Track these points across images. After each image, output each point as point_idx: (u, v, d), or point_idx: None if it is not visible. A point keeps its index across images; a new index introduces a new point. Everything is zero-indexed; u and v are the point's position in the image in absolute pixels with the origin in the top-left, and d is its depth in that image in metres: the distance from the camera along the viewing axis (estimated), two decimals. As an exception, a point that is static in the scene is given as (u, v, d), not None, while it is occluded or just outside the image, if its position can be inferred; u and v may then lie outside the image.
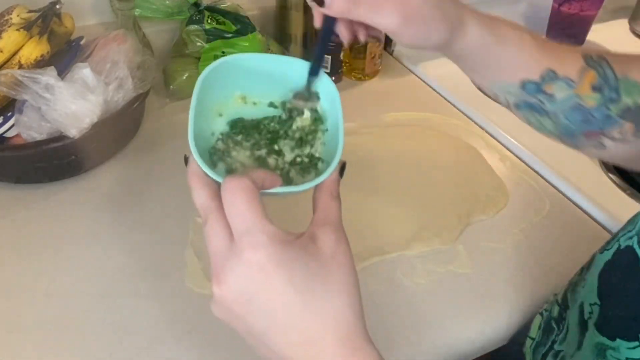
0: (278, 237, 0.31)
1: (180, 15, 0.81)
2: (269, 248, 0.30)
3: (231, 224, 0.32)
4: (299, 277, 0.30)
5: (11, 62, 0.63)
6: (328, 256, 0.32)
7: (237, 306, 0.31)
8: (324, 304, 0.31)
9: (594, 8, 0.99)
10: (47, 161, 0.63)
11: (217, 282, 0.31)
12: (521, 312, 0.55)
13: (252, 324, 0.31)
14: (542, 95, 0.44)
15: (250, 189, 0.32)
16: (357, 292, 0.33)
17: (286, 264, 0.30)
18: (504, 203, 0.66)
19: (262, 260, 0.30)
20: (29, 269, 0.56)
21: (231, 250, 0.31)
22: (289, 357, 0.31)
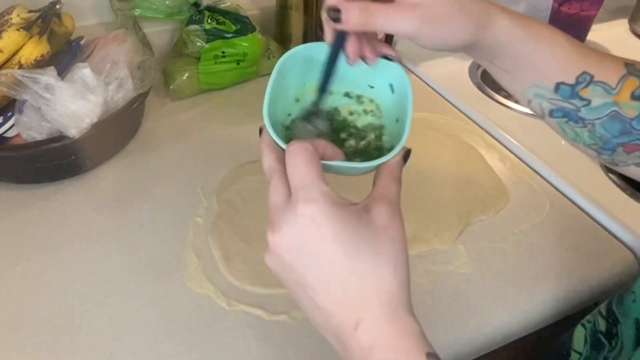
0: (331, 196, 0.33)
1: (180, 15, 0.81)
2: (321, 203, 0.32)
3: (290, 180, 0.34)
4: (347, 237, 0.32)
5: (11, 62, 0.63)
6: (380, 228, 0.33)
7: (288, 255, 0.33)
8: (369, 270, 0.32)
9: (594, 8, 0.99)
10: (47, 161, 0.63)
11: (272, 231, 0.33)
12: (521, 312, 0.55)
13: (301, 273, 0.33)
14: (577, 100, 0.42)
15: (310, 151, 0.34)
16: (406, 268, 0.33)
17: (336, 222, 0.32)
18: (504, 203, 0.66)
19: (314, 214, 0.32)
20: (29, 269, 0.56)
21: (288, 204, 0.33)
22: (330, 312, 0.32)
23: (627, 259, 0.60)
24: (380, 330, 0.31)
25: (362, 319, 0.32)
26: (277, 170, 0.36)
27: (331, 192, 0.33)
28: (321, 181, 0.33)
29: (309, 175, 0.33)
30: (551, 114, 0.44)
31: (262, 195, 0.64)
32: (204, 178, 0.67)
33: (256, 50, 0.83)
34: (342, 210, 0.32)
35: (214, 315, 0.52)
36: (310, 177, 0.33)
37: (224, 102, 0.83)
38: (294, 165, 0.34)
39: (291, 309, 0.52)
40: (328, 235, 0.31)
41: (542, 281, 0.57)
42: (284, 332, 0.51)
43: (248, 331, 0.50)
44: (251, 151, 0.72)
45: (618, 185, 0.69)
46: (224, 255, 0.57)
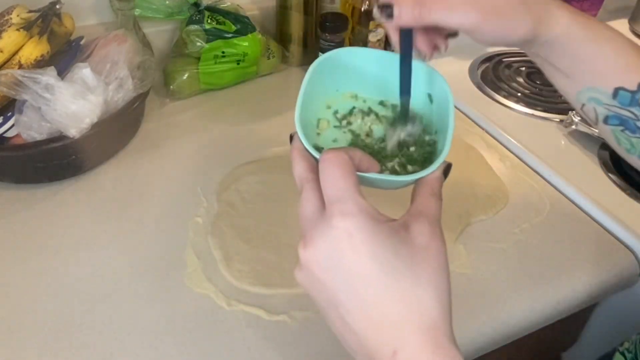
0: (368, 210, 0.30)
1: (180, 15, 0.81)
2: (359, 218, 0.30)
3: (324, 191, 0.32)
4: (385, 256, 0.29)
5: (11, 62, 0.63)
6: (420, 246, 0.31)
7: (320, 270, 0.31)
8: (409, 291, 0.29)
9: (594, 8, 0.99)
10: (47, 161, 0.63)
11: (303, 245, 0.31)
12: (521, 312, 0.55)
13: (333, 291, 0.30)
14: (637, 109, 0.40)
15: (346, 161, 0.32)
16: (448, 290, 0.31)
17: (374, 239, 0.29)
18: (504, 203, 0.66)
19: (350, 229, 0.29)
20: (29, 269, 0.56)
21: (321, 216, 0.31)
22: (364, 335, 0.30)
23: (627, 259, 0.60)
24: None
25: (401, 347, 0.29)
26: (309, 179, 0.34)
27: (368, 206, 0.31)
28: (358, 194, 0.31)
29: (345, 186, 0.31)
30: (606, 120, 0.42)
31: (262, 195, 0.65)
32: (204, 178, 0.67)
33: (256, 50, 0.83)
34: (379, 226, 0.30)
35: (214, 315, 0.52)
36: (346, 188, 0.31)
37: (224, 102, 0.83)
38: (328, 175, 0.32)
39: (291, 309, 0.52)
40: (364, 252, 0.29)
41: (542, 281, 0.57)
42: (284, 332, 0.51)
43: (248, 331, 0.50)
44: (251, 151, 0.72)
45: (618, 185, 0.69)
46: (224, 255, 0.57)
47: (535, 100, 0.85)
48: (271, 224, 0.61)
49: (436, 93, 0.42)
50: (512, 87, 0.89)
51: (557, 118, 0.81)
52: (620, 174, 0.70)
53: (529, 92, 0.88)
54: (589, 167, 0.72)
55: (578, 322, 0.70)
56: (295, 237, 0.60)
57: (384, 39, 0.88)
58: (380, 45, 0.87)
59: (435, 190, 0.35)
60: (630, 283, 0.61)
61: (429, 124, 0.43)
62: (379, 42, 0.87)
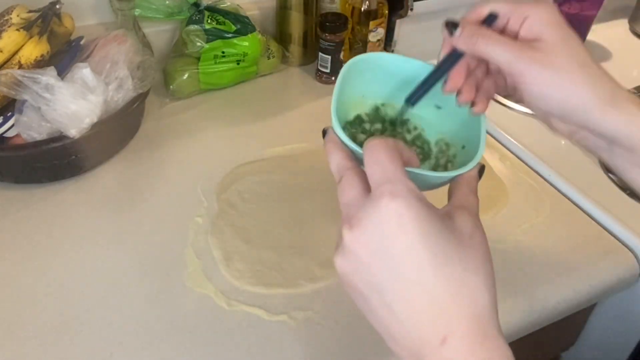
0: (419, 194, 0.30)
1: (180, 15, 0.81)
2: (409, 199, 0.29)
3: (371, 175, 0.31)
4: (434, 238, 0.29)
5: (11, 62, 0.63)
6: (466, 234, 0.31)
7: (366, 252, 0.29)
8: (460, 276, 0.29)
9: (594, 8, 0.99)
10: (47, 161, 0.63)
11: (348, 227, 0.30)
12: (521, 312, 0.55)
13: (377, 275, 0.29)
14: None
15: (393, 147, 0.32)
16: (494, 281, 0.31)
17: (425, 221, 0.29)
18: (504, 203, 0.66)
19: (401, 209, 0.29)
20: (29, 269, 0.56)
21: (367, 198, 0.30)
22: (410, 323, 0.29)
23: (627, 259, 0.60)
24: (470, 350, 0.28)
25: (450, 334, 0.28)
26: (349, 167, 0.33)
27: (418, 191, 0.30)
28: (406, 177, 0.30)
29: (394, 168, 0.30)
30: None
31: (262, 195, 0.65)
32: (204, 178, 0.67)
33: (256, 50, 0.83)
34: (429, 209, 0.29)
35: (214, 315, 0.52)
36: (395, 170, 0.30)
37: (224, 102, 0.83)
38: (376, 158, 0.31)
39: (291, 309, 0.52)
40: (415, 233, 0.28)
41: (542, 281, 0.57)
42: (284, 332, 0.51)
43: (248, 331, 0.50)
44: (251, 151, 0.72)
45: (618, 185, 0.69)
46: (224, 255, 0.57)
47: (535, 100, 0.85)
48: (271, 224, 0.61)
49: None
50: (512, 87, 0.89)
51: (557, 118, 0.81)
52: (620, 174, 0.70)
53: (529, 92, 0.88)
54: (589, 167, 0.72)
55: (578, 322, 0.70)
56: (295, 237, 0.60)
57: (384, 38, 0.88)
58: (380, 45, 0.87)
59: (473, 188, 0.35)
60: (630, 283, 0.61)
61: (459, 132, 0.43)
62: (379, 42, 0.87)
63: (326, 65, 0.86)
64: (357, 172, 0.33)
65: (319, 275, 0.55)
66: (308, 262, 0.57)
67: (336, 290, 0.54)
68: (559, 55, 0.36)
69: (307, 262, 0.57)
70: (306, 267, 0.56)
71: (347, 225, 0.30)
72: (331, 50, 0.84)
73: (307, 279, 0.55)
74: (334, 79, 0.87)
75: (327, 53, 0.84)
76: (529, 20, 0.37)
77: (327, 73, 0.87)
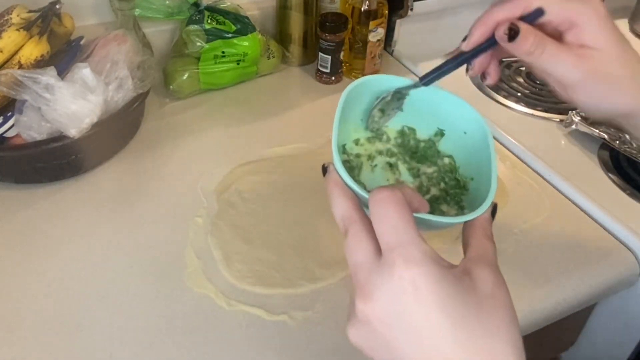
0: (434, 257, 0.28)
1: (180, 15, 0.81)
2: (424, 266, 0.27)
3: (381, 235, 0.29)
4: (454, 305, 0.27)
5: (11, 62, 0.63)
6: (486, 294, 0.29)
7: (382, 326, 0.28)
8: (481, 342, 0.27)
9: (594, 8, 0.99)
10: (47, 161, 0.63)
11: (362, 299, 0.29)
12: (521, 313, 0.55)
13: (395, 348, 0.28)
14: None
15: (402, 201, 0.29)
16: (520, 337, 0.29)
17: (442, 288, 0.27)
18: (504, 203, 0.66)
19: (416, 278, 0.27)
20: (29, 269, 0.56)
21: (379, 264, 0.29)
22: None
23: (627, 259, 0.60)
24: None
25: None
26: (356, 219, 0.31)
27: (431, 250, 0.28)
28: (419, 237, 0.28)
29: (405, 229, 0.28)
30: None
31: (262, 195, 0.65)
32: (204, 178, 0.67)
33: (256, 50, 0.83)
34: (445, 273, 0.28)
35: (214, 315, 0.52)
36: (407, 232, 0.28)
37: (224, 102, 0.83)
38: (384, 216, 0.29)
39: (291, 309, 0.52)
40: (433, 304, 0.27)
41: (542, 281, 0.57)
42: (284, 332, 0.51)
43: (248, 331, 0.50)
44: (251, 151, 0.72)
45: (618, 185, 0.69)
46: (224, 255, 0.57)
47: (535, 100, 0.85)
48: (271, 224, 0.61)
49: (473, 131, 0.41)
50: (512, 87, 0.89)
51: (557, 118, 0.81)
52: (620, 174, 0.70)
53: (528, 92, 0.88)
54: (589, 167, 0.72)
55: (578, 322, 0.70)
56: (295, 237, 0.60)
57: (384, 38, 0.88)
58: (380, 45, 0.87)
59: (487, 232, 0.34)
60: (630, 283, 0.61)
61: (466, 162, 0.42)
62: (379, 42, 0.87)
63: (326, 65, 0.86)
64: (364, 225, 0.30)
65: (319, 275, 0.55)
66: (308, 262, 0.57)
67: (336, 291, 0.54)
68: (612, 65, 0.36)
69: (307, 262, 0.57)
70: (306, 267, 0.56)
71: (361, 296, 0.29)
72: (331, 50, 0.84)
73: (307, 279, 0.55)
74: (334, 79, 0.87)
75: (327, 53, 0.84)
76: (579, 26, 0.36)
77: (327, 73, 0.87)
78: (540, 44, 0.36)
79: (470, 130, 0.42)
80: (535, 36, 0.36)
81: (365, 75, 0.89)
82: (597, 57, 0.36)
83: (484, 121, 0.41)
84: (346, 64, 0.89)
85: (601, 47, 0.36)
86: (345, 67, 0.90)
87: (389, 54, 0.97)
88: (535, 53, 0.36)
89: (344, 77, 0.90)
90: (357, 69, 0.89)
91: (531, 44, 0.36)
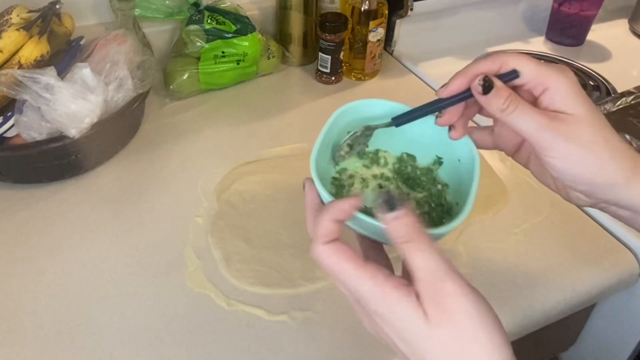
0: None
1: (180, 15, 0.81)
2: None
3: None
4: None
5: (11, 62, 0.63)
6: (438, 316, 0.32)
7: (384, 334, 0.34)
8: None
9: (594, 8, 0.99)
10: (47, 161, 0.63)
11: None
12: (521, 313, 0.55)
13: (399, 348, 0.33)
14: None
15: (339, 250, 0.33)
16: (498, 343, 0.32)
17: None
18: (504, 203, 0.66)
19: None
20: (29, 269, 0.56)
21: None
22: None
23: (627, 259, 0.60)
24: None
25: None
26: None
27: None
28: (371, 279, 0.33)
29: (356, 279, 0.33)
30: None
31: (262, 195, 0.65)
32: (204, 178, 0.67)
33: (256, 50, 0.83)
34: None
35: (214, 315, 0.52)
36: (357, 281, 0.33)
37: (224, 102, 0.83)
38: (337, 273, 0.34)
39: (291, 309, 0.52)
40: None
41: (542, 281, 0.57)
42: (284, 332, 0.51)
43: (248, 331, 0.50)
44: (251, 151, 0.72)
45: (618, 185, 0.69)
46: (224, 255, 0.57)
47: (535, 100, 0.85)
48: (271, 224, 0.61)
49: (465, 158, 0.42)
50: (512, 87, 0.88)
51: (557, 118, 0.81)
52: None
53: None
54: (589, 167, 0.72)
55: (578, 322, 0.70)
56: (295, 237, 0.60)
57: (384, 38, 0.88)
58: (380, 45, 0.87)
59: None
60: (630, 283, 0.61)
61: (456, 189, 0.43)
62: (379, 42, 0.87)
63: (326, 65, 0.86)
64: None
65: (319, 275, 0.55)
66: (308, 262, 0.57)
67: (336, 291, 0.54)
68: (585, 130, 0.36)
69: (307, 262, 0.57)
70: (306, 267, 0.56)
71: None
72: (331, 50, 0.84)
73: (307, 279, 0.55)
74: (334, 79, 0.88)
75: (327, 53, 0.84)
76: (552, 90, 0.37)
77: (327, 73, 0.87)
78: (514, 102, 0.37)
79: (463, 157, 0.43)
80: (510, 93, 0.37)
81: (365, 73, 0.89)
82: (569, 120, 0.36)
83: (475, 148, 0.42)
84: (346, 64, 0.89)
85: (573, 112, 0.36)
86: (345, 67, 0.90)
87: (389, 54, 0.97)
88: (507, 110, 0.37)
89: (344, 77, 0.90)
90: (357, 69, 0.89)
91: (504, 100, 0.37)
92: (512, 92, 0.37)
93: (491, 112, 0.38)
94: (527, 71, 0.37)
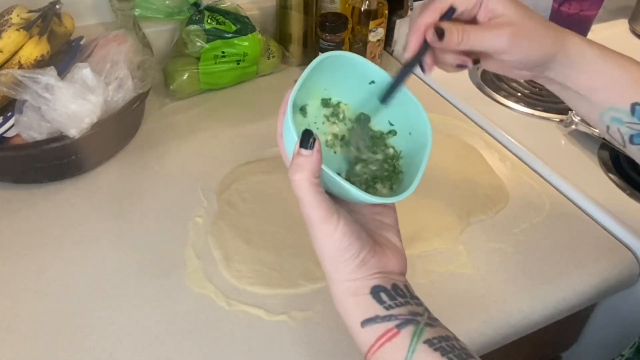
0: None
1: (180, 15, 0.81)
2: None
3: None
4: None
5: (11, 62, 0.63)
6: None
7: None
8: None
9: (594, 8, 0.99)
10: (47, 161, 0.63)
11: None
12: (521, 313, 0.55)
13: None
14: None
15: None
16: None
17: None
18: (504, 203, 0.66)
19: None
20: (29, 269, 0.56)
21: None
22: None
23: (627, 259, 0.60)
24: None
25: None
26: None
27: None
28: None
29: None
30: (632, 140, 0.44)
31: (262, 195, 0.65)
32: (204, 178, 0.67)
33: (256, 50, 0.83)
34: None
35: (214, 316, 0.52)
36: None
37: (224, 102, 0.83)
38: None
39: (291, 309, 0.52)
40: None
41: (542, 281, 0.57)
42: (284, 332, 0.51)
43: (248, 331, 0.51)
44: (251, 151, 0.72)
45: (618, 185, 0.69)
46: (224, 255, 0.57)
47: (535, 100, 0.85)
48: (271, 224, 0.61)
49: (417, 131, 0.45)
50: (512, 87, 0.89)
51: (557, 118, 0.81)
52: (620, 174, 0.70)
53: (528, 92, 0.88)
54: (589, 167, 0.72)
55: (578, 322, 0.70)
56: (295, 237, 0.60)
57: (384, 38, 0.88)
58: (380, 45, 0.87)
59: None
60: (630, 283, 0.61)
61: (406, 158, 0.45)
62: (379, 42, 0.87)
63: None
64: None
65: (319, 275, 0.55)
66: (308, 262, 0.57)
67: (336, 290, 0.54)
68: (525, 22, 0.43)
69: (307, 262, 0.57)
70: (306, 267, 0.56)
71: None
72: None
73: (307, 279, 0.55)
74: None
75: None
76: (485, 1, 0.43)
77: (327, 73, 0.87)
78: (465, 32, 0.43)
79: (414, 131, 0.45)
80: (458, 28, 0.43)
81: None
82: (510, 19, 0.42)
83: (430, 128, 0.44)
84: (346, 64, 0.89)
85: (507, 11, 0.43)
86: (345, 67, 0.89)
87: (389, 54, 0.97)
88: (463, 41, 0.43)
89: (344, 77, 0.90)
90: (357, 69, 0.89)
91: (457, 36, 0.43)
92: (459, 26, 0.43)
93: (451, 48, 0.44)
94: (459, 2, 0.44)
